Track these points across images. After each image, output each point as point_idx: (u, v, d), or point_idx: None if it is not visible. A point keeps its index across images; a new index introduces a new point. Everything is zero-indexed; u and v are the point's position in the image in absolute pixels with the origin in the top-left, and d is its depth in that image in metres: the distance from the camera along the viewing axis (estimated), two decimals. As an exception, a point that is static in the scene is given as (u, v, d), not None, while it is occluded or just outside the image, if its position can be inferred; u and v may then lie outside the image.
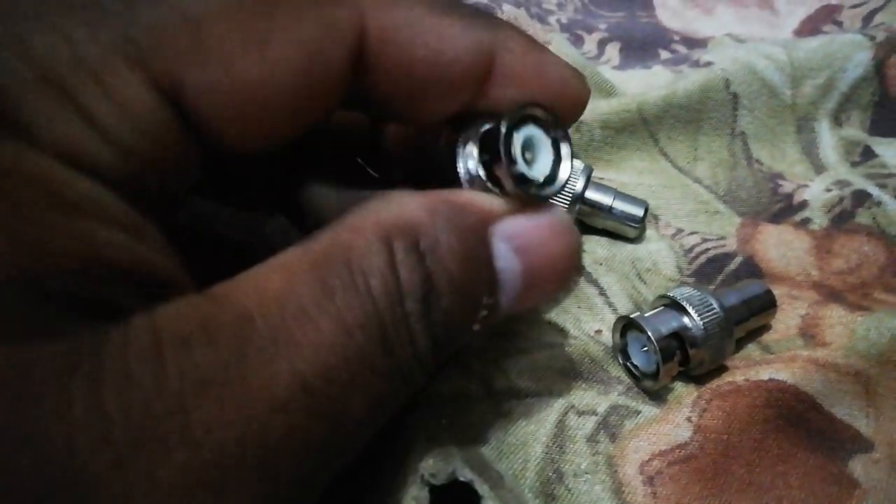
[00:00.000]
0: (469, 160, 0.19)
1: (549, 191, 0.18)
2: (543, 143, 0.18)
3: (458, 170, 0.19)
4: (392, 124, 0.24)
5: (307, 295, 0.14)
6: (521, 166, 0.18)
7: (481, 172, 0.19)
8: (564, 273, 0.18)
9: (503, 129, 0.17)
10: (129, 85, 0.15)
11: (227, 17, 0.16)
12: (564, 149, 0.18)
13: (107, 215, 0.15)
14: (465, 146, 0.19)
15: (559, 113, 0.19)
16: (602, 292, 0.32)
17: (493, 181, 0.18)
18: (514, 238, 0.17)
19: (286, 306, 0.14)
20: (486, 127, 0.19)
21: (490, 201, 0.18)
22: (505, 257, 0.17)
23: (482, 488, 0.20)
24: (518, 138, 0.18)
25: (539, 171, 0.18)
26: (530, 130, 0.18)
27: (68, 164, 0.14)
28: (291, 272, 0.15)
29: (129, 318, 0.13)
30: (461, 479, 0.20)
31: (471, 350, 0.25)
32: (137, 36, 0.15)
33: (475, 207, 0.17)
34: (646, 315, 0.27)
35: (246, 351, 0.14)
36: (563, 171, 0.18)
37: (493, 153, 0.18)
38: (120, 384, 0.12)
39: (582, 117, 0.38)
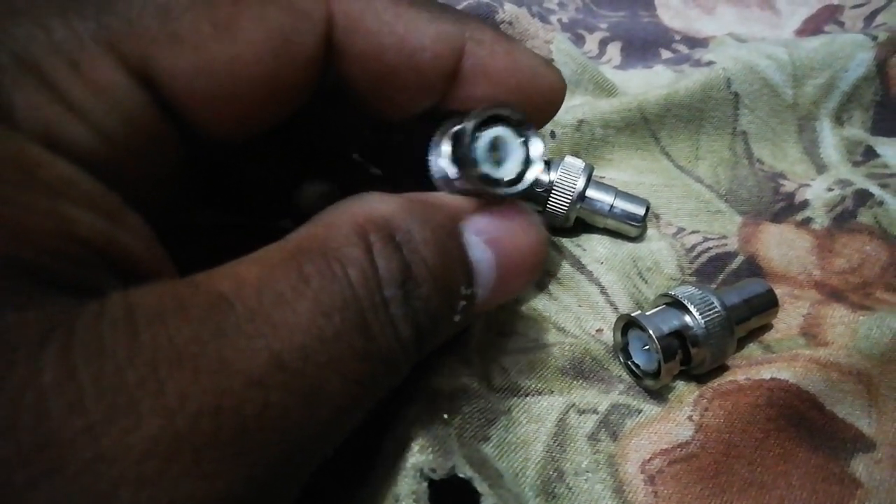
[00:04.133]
0: (440, 159, 0.19)
1: (514, 190, 0.18)
2: (513, 142, 0.18)
3: (431, 167, 0.20)
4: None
5: (284, 281, 0.15)
6: (485, 166, 0.18)
7: (451, 171, 0.19)
8: (535, 263, 0.19)
9: (468, 130, 0.18)
10: (105, 69, 0.16)
11: (198, 5, 0.16)
12: (534, 148, 0.19)
13: (83, 197, 0.15)
14: (438, 145, 0.20)
15: (528, 112, 0.19)
16: (603, 291, 0.32)
17: (464, 179, 0.19)
18: (485, 232, 0.18)
19: (263, 291, 0.14)
20: (456, 127, 0.19)
21: (460, 200, 0.18)
22: (478, 249, 0.18)
23: (481, 486, 0.20)
24: (485, 138, 0.18)
25: (507, 170, 0.18)
26: (499, 131, 0.18)
27: (46, 145, 0.15)
28: (269, 263, 0.15)
29: (104, 295, 0.14)
30: (460, 475, 0.20)
31: (472, 348, 0.25)
32: (112, 23, 0.16)
33: (446, 204, 0.18)
34: (647, 314, 0.27)
35: (222, 328, 0.14)
36: (532, 172, 0.19)
37: (459, 153, 0.19)
38: (91, 353, 0.13)
39: (583, 116, 0.38)
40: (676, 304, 0.27)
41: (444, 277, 0.17)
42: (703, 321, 0.26)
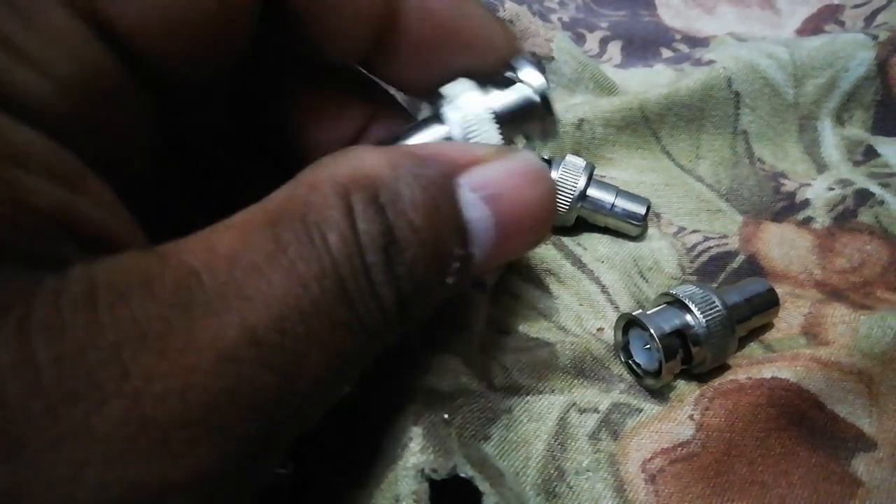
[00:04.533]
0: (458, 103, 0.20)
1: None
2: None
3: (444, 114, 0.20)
4: None
5: (259, 250, 0.14)
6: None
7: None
8: (541, 219, 0.18)
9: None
10: (55, 15, 0.15)
11: None
12: (534, 79, 0.20)
13: (38, 161, 0.14)
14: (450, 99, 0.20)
15: (473, 60, 0.19)
16: (604, 290, 0.32)
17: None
18: (483, 187, 0.17)
19: (236, 262, 0.14)
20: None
21: (457, 150, 0.17)
22: (474, 207, 0.16)
23: (483, 485, 0.20)
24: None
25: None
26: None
27: None
28: (243, 230, 0.14)
29: (65, 269, 0.13)
30: (462, 475, 0.20)
31: (473, 346, 0.25)
32: None
33: (439, 158, 0.17)
34: (648, 313, 0.27)
35: (189, 304, 0.13)
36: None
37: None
38: (51, 332, 0.12)
39: (584, 115, 0.38)
40: (677, 304, 0.27)
41: (432, 241, 0.16)
42: (704, 320, 0.26)
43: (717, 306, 0.27)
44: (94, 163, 0.15)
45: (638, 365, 0.28)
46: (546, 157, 0.34)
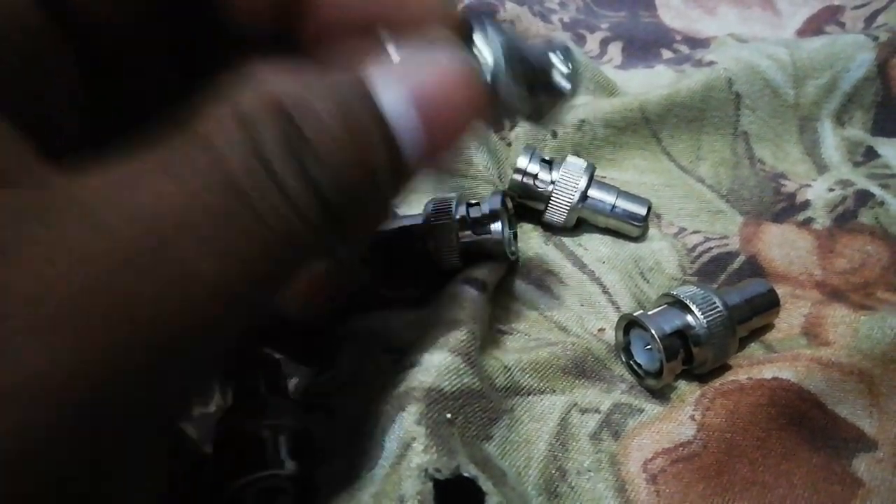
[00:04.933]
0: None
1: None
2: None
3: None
4: None
5: (141, 166, 0.14)
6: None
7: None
8: (469, 99, 0.17)
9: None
10: None
11: None
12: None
13: None
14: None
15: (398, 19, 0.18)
16: (605, 291, 0.32)
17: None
18: (399, 85, 0.16)
19: (116, 180, 0.13)
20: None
21: (365, 58, 0.16)
22: (395, 105, 0.16)
23: (486, 485, 0.20)
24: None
25: None
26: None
27: None
28: (131, 160, 0.14)
29: None
30: (465, 475, 0.20)
31: (475, 347, 0.25)
32: None
33: (349, 68, 0.16)
34: (649, 313, 0.27)
35: (55, 218, 0.13)
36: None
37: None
38: None
39: (584, 116, 0.39)
40: (678, 304, 0.27)
41: (349, 140, 0.15)
42: (705, 321, 0.26)
43: (718, 307, 0.27)
44: (12, 108, 0.15)
45: (639, 365, 0.28)
46: (547, 159, 0.34)
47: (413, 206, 0.33)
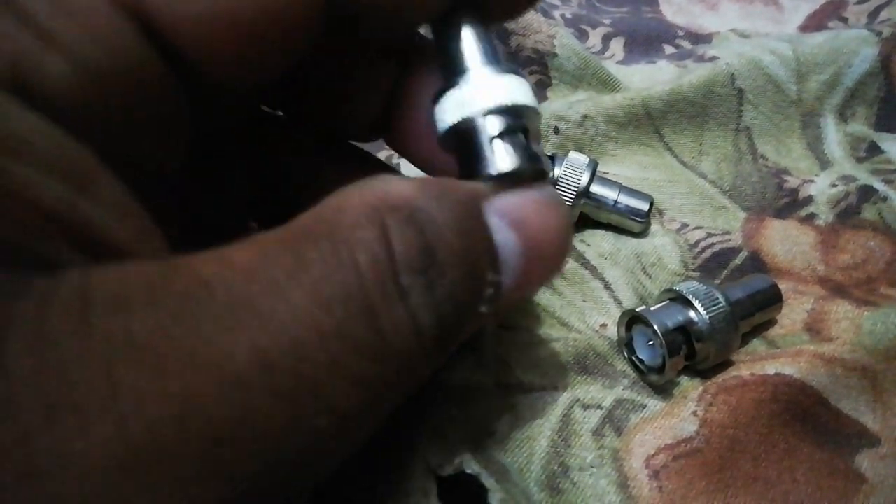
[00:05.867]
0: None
1: None
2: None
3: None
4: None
5: (279, 267, 0.12)
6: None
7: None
8: (562, 246, 0.17)
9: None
10: None
11: None
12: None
13: (40, 154, 0.12)
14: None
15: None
16: (607, 286, 0.32)
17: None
18: (509, 213, 0.16)
19: (253, 276, 0.12)
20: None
21: (478, 183, 0.16)
22: (502, 231, 0.15)
23: (489, 481, 0.20)
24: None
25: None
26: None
27: (6, 89, 0.12)
28: (263, 246, 0.13)
29: (59, 273, 0.11)
30: (468, 471, 0.20)
31: (485, 344, 0.25)
32: None
33: (465, 185, 0.16)
34: (651, 309, 0.27)
35: (196, 318, 0.11)
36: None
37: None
38: (31, 341, 0.10)
39: (586, 111, 0.38)
40: (681, 300, 0.27)
41: (470, 262, 0.14)
42: (707, 316, 0.26)
43: (720, 302, 0.27)
44: (115, 162, 0.14)
45: (641, 361, 0.28)
46: (549, 154, 0.34)
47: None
